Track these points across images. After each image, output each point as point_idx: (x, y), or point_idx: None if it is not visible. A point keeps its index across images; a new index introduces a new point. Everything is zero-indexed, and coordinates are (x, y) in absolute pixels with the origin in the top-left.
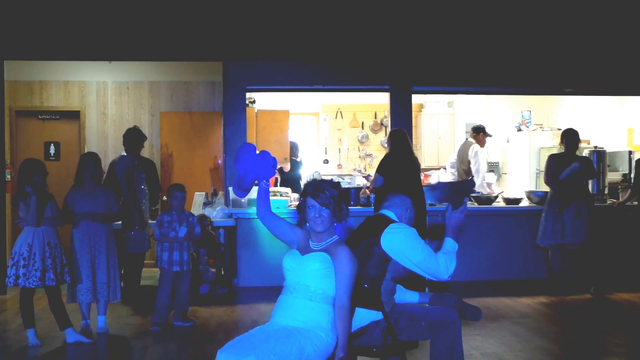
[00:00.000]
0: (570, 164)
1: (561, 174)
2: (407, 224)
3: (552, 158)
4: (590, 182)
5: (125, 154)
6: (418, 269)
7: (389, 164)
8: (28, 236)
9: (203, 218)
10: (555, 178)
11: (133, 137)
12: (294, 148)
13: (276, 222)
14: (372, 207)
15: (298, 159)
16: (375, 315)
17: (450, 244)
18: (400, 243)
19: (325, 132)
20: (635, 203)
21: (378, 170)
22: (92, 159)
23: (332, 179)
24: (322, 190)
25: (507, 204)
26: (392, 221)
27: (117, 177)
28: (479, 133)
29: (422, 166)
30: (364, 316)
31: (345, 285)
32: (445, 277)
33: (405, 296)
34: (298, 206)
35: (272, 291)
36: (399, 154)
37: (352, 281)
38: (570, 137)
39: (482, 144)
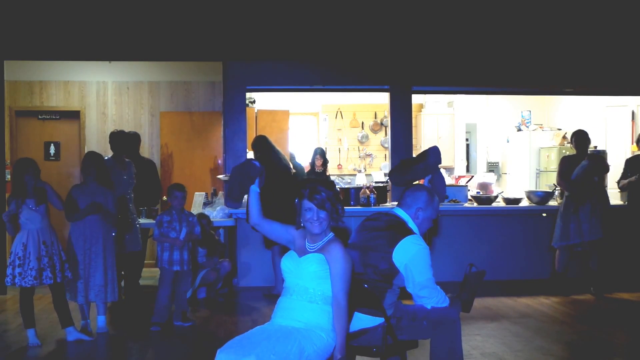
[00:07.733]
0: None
1: (572, 174)
2: (421, 225)
3: (564, 160)
4: (606, 179)
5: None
6: (412, 286)
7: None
8: (23, 236)
9: (202, 217)
10: (568, 179)
11: (112, 141)
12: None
13: (270, 227)
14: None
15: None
16: (377, 321)
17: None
18: (412, 258)
19: (325, 132)
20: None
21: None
22: (95, 158)
23: (325, 179)
24: (319, 192)
25: (507, 204)
26: (408, 229)
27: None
28: None
29: None
30: (366, 321)
31: (341, 282)
32: (428, 306)
33: None
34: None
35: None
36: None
37: (348, 278)
38: (580, 138)
39: None
